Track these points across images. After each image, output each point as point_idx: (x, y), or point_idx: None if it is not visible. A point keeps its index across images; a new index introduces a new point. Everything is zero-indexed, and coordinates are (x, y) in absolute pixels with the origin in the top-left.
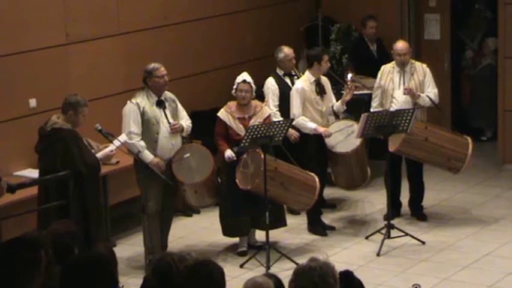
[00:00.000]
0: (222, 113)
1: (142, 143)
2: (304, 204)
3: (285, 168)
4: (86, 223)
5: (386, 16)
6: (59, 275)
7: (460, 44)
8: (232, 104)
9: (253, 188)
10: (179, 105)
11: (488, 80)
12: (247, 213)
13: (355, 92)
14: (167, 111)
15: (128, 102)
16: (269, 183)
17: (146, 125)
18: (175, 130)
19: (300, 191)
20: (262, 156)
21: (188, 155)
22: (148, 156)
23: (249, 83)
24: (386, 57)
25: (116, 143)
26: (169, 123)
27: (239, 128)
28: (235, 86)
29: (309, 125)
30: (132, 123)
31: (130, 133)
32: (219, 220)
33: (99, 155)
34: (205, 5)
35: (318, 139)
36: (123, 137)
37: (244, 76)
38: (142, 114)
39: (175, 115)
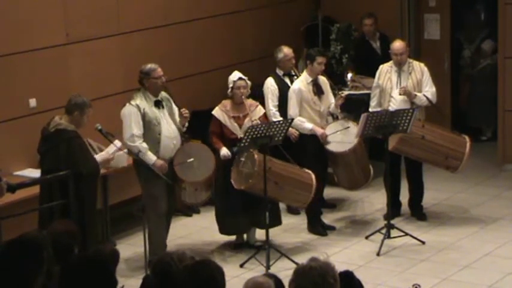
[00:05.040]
0: (217, 112)
1: (144, 145)
2: (301, 202)
3: (280, 167)
4: (80, 225)
5: (386, 16)
6: (58, 275)
7: (460, 44)
8: (227, 103)
9: (246, 188)
10: (173, 104)
11: (488, 80)
12: (245, 213)
13: (355, 92)
14: (165, 111)
15: (127, 104)
16: (262, 182)
17: (148, 126)
18: (186, 115)
19: (295, 189)
20: (256, 156)
21: (192, 159)
22: (151, 157)
23: (244, 79)
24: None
25: (117, 143)
26: (179, 108)
27: (234, 127)
28: (231, 85)
29: (306, 125)
30: (133, 126)
31: (132, 136)
32: (216, 219)
33: (98, 158)
34: (205, 4)
35: (317, 139)
36: (118, 143)
37: (238, 74)
38: (144, 115)
39: (171, 114)
